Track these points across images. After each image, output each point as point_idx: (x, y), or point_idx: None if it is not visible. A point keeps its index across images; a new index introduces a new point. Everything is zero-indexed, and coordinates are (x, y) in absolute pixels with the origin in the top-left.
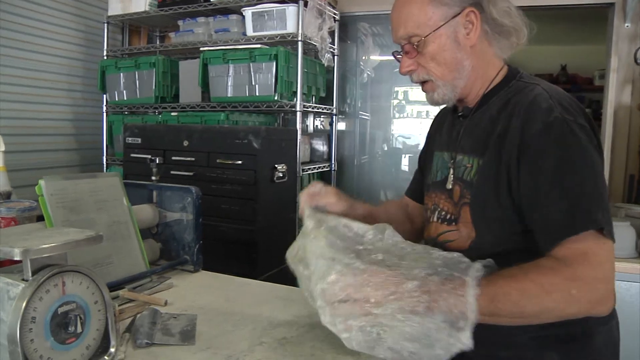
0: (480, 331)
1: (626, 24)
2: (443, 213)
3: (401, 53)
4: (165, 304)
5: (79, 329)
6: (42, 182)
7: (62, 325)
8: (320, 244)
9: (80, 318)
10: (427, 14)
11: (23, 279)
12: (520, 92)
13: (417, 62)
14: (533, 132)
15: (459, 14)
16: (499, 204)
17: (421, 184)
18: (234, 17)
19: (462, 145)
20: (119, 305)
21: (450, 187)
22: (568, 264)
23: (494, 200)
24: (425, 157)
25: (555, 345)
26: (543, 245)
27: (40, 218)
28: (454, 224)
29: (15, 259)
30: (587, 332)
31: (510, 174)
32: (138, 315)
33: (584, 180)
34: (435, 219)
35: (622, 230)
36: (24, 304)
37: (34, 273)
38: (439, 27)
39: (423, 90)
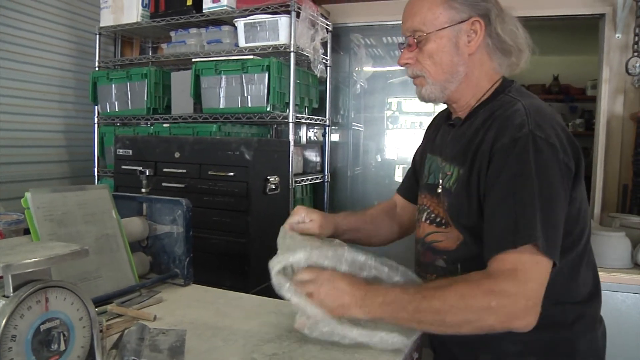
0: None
1: (617, 35)
2: (433, 215)
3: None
4: (154, 319)
5: (63, 347)
6: (28, 195)
7: (45, 343)
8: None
9: (64, 335)
10: (435, 13)
11: (4, 295)
12: (502, 106)
13: (416, 57)
14: (499, 145)
15: (465, 20)
16: (472, 213)
17: (413, 182)
18: (226, 28)
19: (448, 154)
20: (107, 321)
21: (440, 191)
22: (493, 277)
23: (467, 208)
24: (419, 158)
25: (537, 351)
26: (485, 257)
27: (28, 231)
28: (444, 227)
29: None
30: (570, 339)
31: (480, 184)
32: (126, 331)
33: (533, 196)
34: (424, 220)
35: (617, 241)
36: (3, 322)
37: (15, 289)
38: (443, 28)
39: (414, 83)
